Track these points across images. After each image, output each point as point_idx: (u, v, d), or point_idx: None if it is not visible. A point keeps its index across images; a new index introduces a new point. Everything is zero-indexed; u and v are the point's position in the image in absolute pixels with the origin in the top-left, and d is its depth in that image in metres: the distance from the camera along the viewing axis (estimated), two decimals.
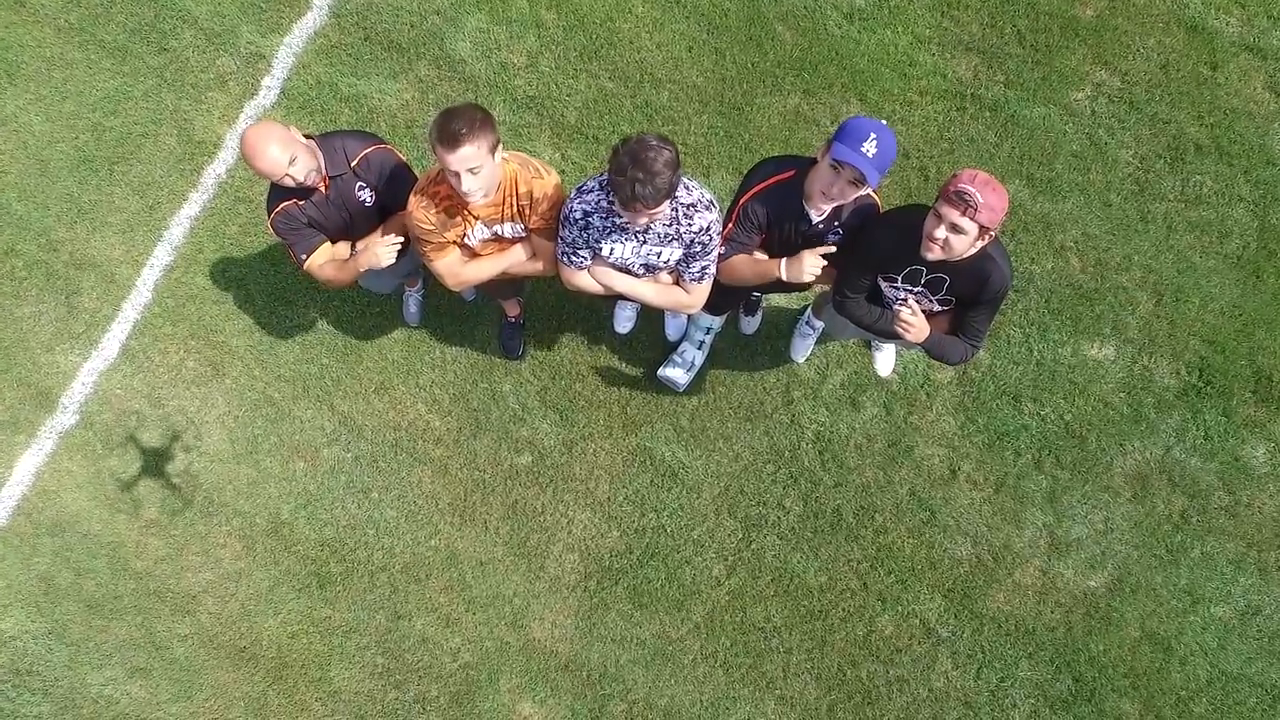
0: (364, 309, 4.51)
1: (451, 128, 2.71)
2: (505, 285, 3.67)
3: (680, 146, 4.46)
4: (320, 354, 4.49)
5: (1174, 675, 4.01)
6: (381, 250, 3.16)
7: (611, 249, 3.00)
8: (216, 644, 4.24)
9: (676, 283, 3.20)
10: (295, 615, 4.25)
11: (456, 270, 3.17)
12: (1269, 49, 4.58)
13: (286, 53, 4.85)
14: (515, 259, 3.18)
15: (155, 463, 4.43)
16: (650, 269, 3.06)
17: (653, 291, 3.18)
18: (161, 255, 4.66)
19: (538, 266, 3.19)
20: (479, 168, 2.78)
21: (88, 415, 4.50)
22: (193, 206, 4.70)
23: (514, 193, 3.01)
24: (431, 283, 4.36)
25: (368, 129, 4.70)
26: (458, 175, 2.78)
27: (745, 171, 3.30)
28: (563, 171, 4.51)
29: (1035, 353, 4.33)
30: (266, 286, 4.60)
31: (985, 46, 4.66)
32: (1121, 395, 4.28)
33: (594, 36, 4.72)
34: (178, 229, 4.68)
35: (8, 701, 4.18)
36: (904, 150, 4.53)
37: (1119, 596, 4.11)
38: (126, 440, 4.46)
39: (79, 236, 4.69)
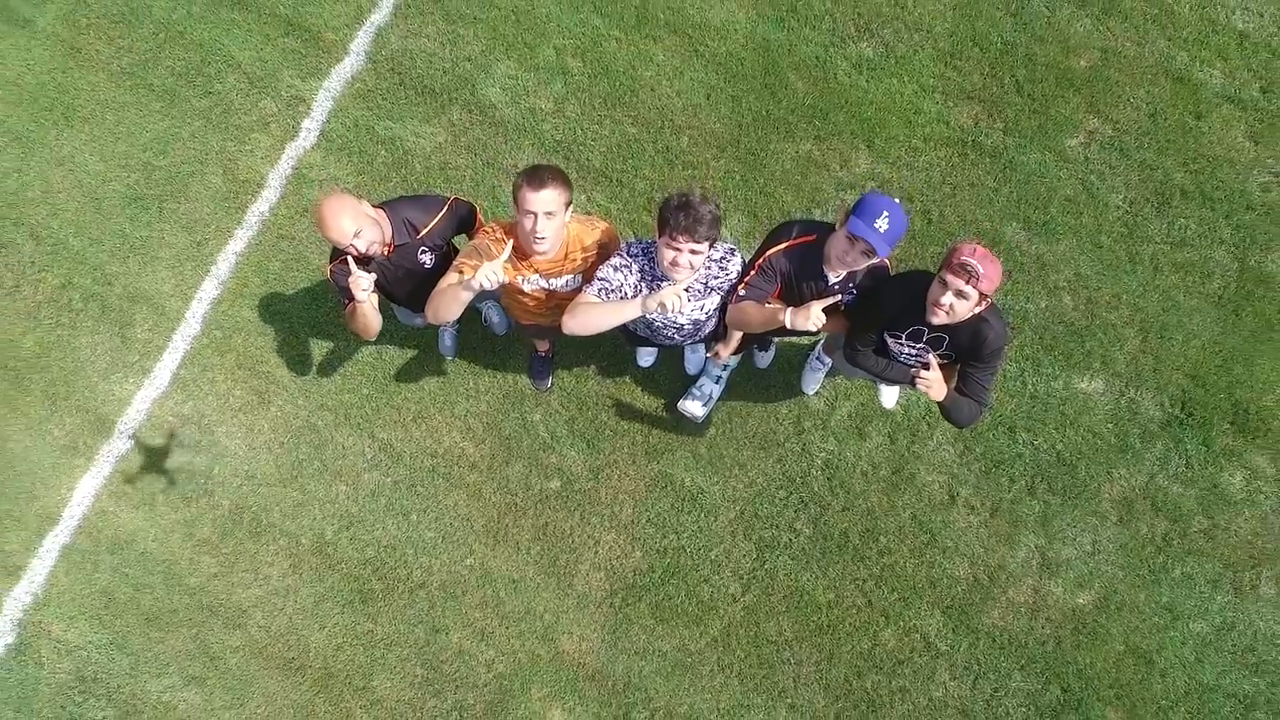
0: (402, 342, 4.81)
1: (540, 173, 3.06)
2: (552, 329, 3.97)
3: (698, 190, 4.76)
4: (361, 384, 4.79)
5: (1155, 686, 4.35)
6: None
7: (661, 299, 3.12)
8: (266, 655, 4.56)
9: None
10: (340, 629, 4.57)
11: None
12: (1249, 100, 4.88)
13: (325, 96, 5.14)
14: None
15: (206, 485, 4.73)
16: (698, 325, 3.35)
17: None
18: (209, 289, 4.95)
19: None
20: (554, 214, 3.09)
21: (142, 440, 4.80)
22: (238, 242, 5.00)
23: (579, 248, 3.32)
24: (465, 317, 4.66)
25: (403, 169, 5.00)
26: (534, 216, 3.07)
27: (771, 227, 3.60)
28: (587, 214, 4.81)
29: (1029, 386, 4.64)
30: (309, 319, 4.89)
31: (986, 95, 4.96)
32: (1109, 426, 4.60)
33: (617, 84, 5.01)
34: (224, 264, 4.98)
35: (75, 706, 4.49)
36: (908, 194, 4.84)
37: (1105, 613, 4.43)
38: (179, 464, 4.76)
39: (131, 271, 4.98)
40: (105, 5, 5.31)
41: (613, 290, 3.18)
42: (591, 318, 3.10)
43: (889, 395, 4.53)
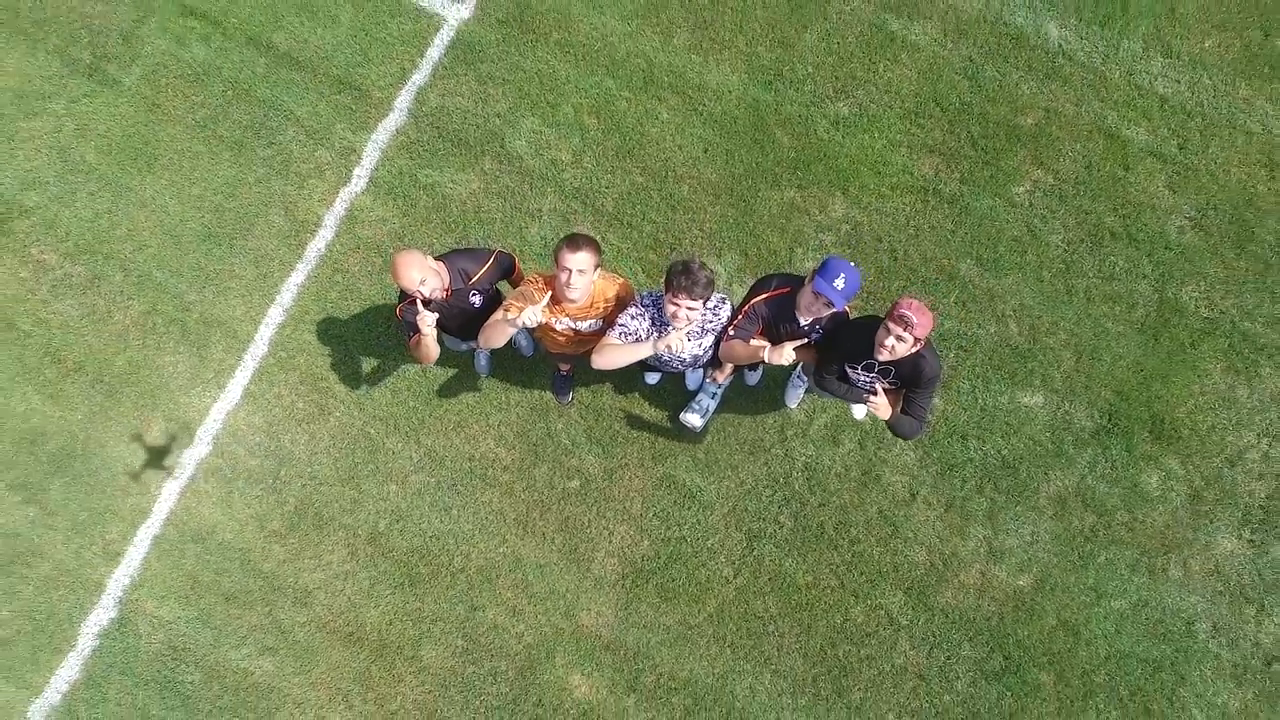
0: (443, 362, 5.59)
1: (577, 239, 3.87)
2: (575, 357, 4.75)
3: (696, 232, 5.64)
4: (408, 398, 5.58)
5: (1081, 653, 5.15)
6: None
7: (669, 341, 3.97)
8: (329, 629, 5.34)
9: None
10: (391, 607, 5.35)
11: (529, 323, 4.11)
12: (1168, 155, 5.68)
13: (373, 147, 5.92)
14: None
15: (274, 485, 5.51)
16: (697, 359, 4.16)
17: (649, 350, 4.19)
18: (274, 315, 5.73)
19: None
20: (585, 272, 3.88)
21: (219, 446, 5.58)
22: (299, 275, 5.78)
23: (602, 299, 4.13)
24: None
25: (442, 212, 5.78)
26: (570, 272, 3.87)
27: (759, 265, 4.40)
28: (602, 251, 5.59)
29: (979, 400, 5.44)
30: (362, 342, 5.67)
31: (945, 149, 5.76)
32: (1047, 434, 5.40)
33: (628, 138, 5.80)
34: (287, 294, 5.75)
35: (169, 671, 5.28)
36: (877, 235, 5.63)
37: (1041, 593, 5.24)
38: (250, 467, 5.55)
39: (207, 299, 5.76)
40: (181, 66, 6.09)
41: (630, 334, 3.98)
42: (614, 356, 3.90)
43: (859, 409, 5.32)
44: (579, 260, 3.85)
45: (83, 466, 5.58)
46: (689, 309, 3.81)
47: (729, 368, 4.51)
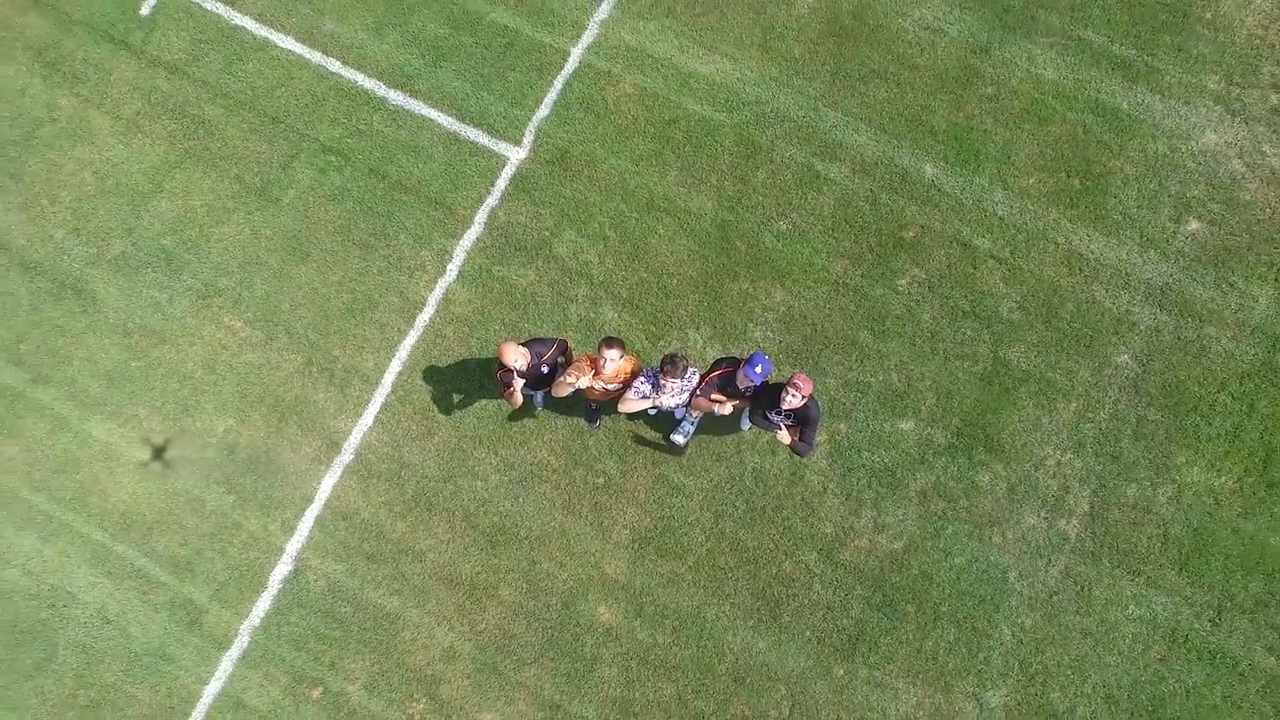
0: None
1: (611, 340, 6.65)
2: (604, 403, 7.39)
3: (682, 312, 8.28)
4: (488, 422, 8.23)
5: (933, 592, 7.82)
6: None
7: (665, 395, 6.74)
8: (437, 577, 7.97)
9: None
10: (479, 563, 8.00)
11: (581, 387, 6.92)
12: (1003, 258, 8.38)
13: (460, 250, 8.57)
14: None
15: (397, 481, 8.15)
16: (680, 406, 6.87)
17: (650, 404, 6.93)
18: (394, 366, 8.37)
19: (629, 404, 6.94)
20: (614, 360, 6.59)
21: (359, 454, 8.23)
22: (411, 338, 8.42)
23: (625, 373, 6.84)
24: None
25: (508, 299, 8.41)
26: (605, 359, 6.57)
27: (726, 339, 7.07)
28: (618, 330, 8.24)
29: (870, 426, 8.11)
30: (456, 385, 8.31)
31: (851, 254, 8.44)
32: (915, 449, 8.07)
33: (636, 246, 8.46)
34: (403, 351, 8.40)
35: (329, 605, 7.91)
36: (804, 314, 8.30)
37: (908, 553, 7.90)
38: (381, 469, 8.18)
39: (347, 354, 8.40)
40: (323, 189, 8.74)
41: (639, 392, 6.69)
42: (630, 406, 6.64)
43: (783, 436, 7.97)
44: (612, 354, 6.55)
45: (265, 468, 8.23)
46: (673, 383, 6.49)
47: (700, 410, 7.18)
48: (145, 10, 9.33)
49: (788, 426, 6.80)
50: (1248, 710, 7.52)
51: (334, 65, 9.10)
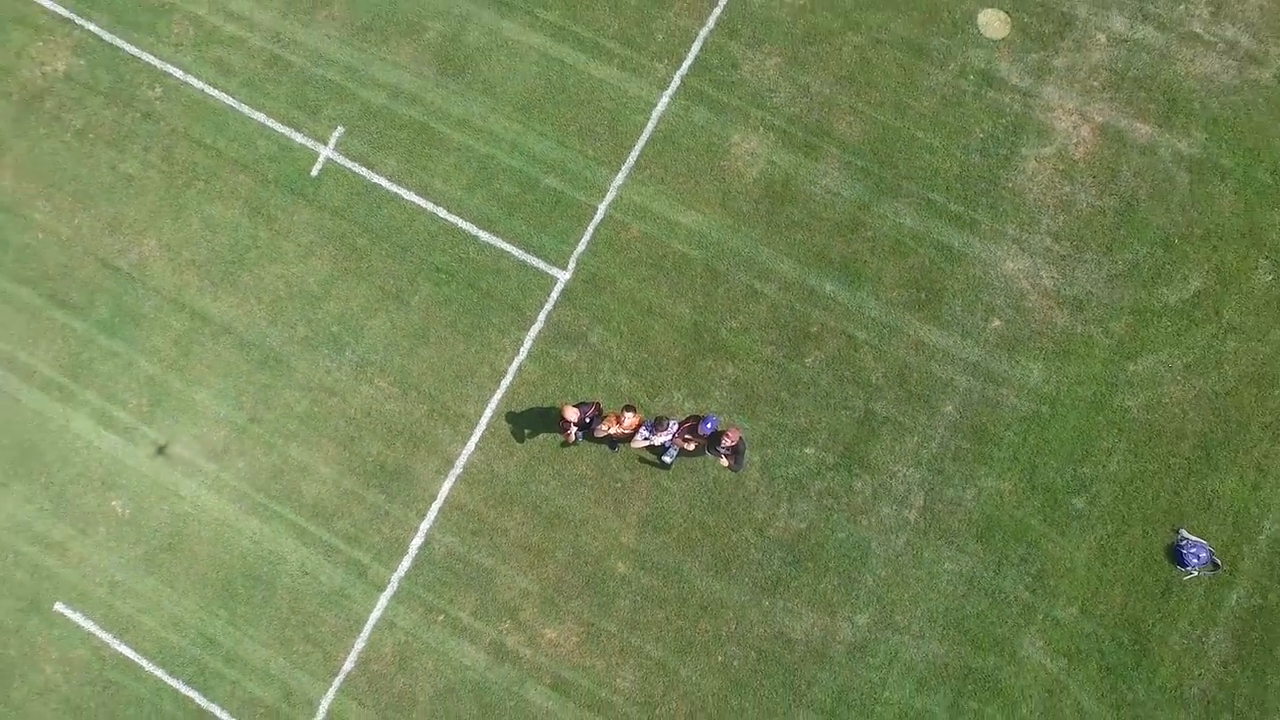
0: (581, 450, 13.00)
1: (630, 407, 11.62)
2: (621, 442, 12.28)
3: (668, 379, 13.23)
4: (548, 449, 12.98)
5: (824, 554, 12.62)
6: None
7: (657, 437, 11.57)
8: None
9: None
10: (550, 536, 12.74)
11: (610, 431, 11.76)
12: (875, 345, 13.21)
13: (528, 338, 13.34)
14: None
15: (492, 484, 12.88)
16: (669, 442, 11.69)
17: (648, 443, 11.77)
18: (487, 413, 13.13)
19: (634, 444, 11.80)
20: (628, 418, 11.44)
21: (466, 468, 12.98)
22: (497, 395, 13.16)
23: (635, 426, 11.66)
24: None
25: (559, 371, 13.16)
26: (625, 418, 11.42)
27: (697, 397, 11.89)
28: (630, 394, 13.02)
29: (786, 451, 12.91)
30: (529, 425, 13.06)
31: (777, 341, 13.24)
32: (814, 465, 12.87)
33: (640, 336, 13.27)
34: (493, 403, 13.15)
35: (471, 551, 12.67)
36: (745, 381, 13.11)
37: (810, 531, 12.70)
38: (481, 479, 12.92)
39: (456, 404, 13.14)
40: (439, 296, 13.47)
41: (643, 436, 11.59)
42: (638, 443, 11.64)
43: (723, 461, 12.74)
44: (629, 415, 11.44)
45: (404, 477, 12.95)
46: (661, 432, 11.32)
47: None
48: (314, 172, 14.06)
49: (727, 455, 11.59)
50: (1010, 625, 12.32)
51: (441, 212, 13.86)
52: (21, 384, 13.45)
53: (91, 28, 14.66)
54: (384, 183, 14.02)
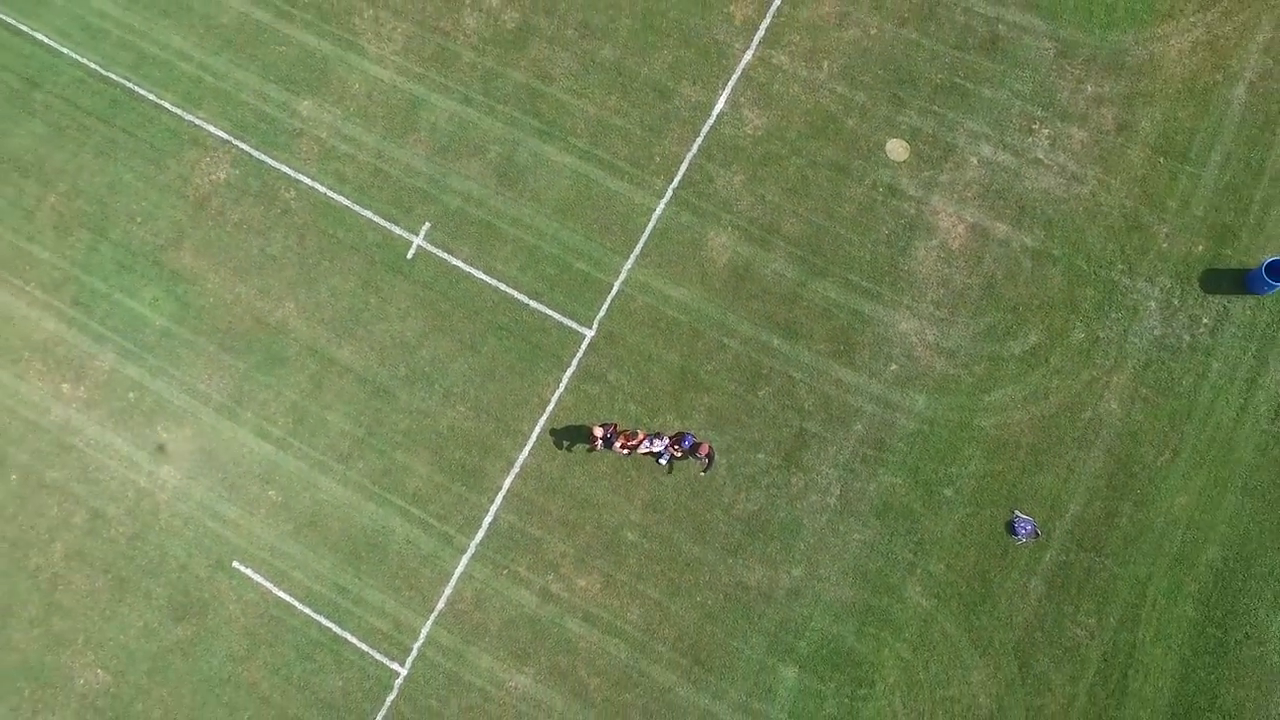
0: (610, 462, 18.53)
1: (637, 430, 17.12)
2: (632, 451, 17.93)
3: (663, 407, 19.08)
4: (580, 455, 18.51)
5: (770, 527, 18.20)
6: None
7: (655, 446, 17.16)
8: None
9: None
10: (582, 515, 18.25)
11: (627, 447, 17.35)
12: (802, 380, 18.87)
13: (564, 379, 18.90)
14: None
15: (540, 479, 18.39)
16: (665, 448, 17.28)
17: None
18: (536, 430, 18.67)
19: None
20: (638, 435, 17.03)
21: (523, 467, 18.50)
22: (543, 418, 18.70)
23: (643, 441, 17.26)
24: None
25: (588, 400, 18.70)
26: (636, 437, 17.00)
27: (682, 422, 17.48)
28: (637, 419, 18.57)
29: (744, 457, 18.50)
30: (567, 438, 18.56)
31: (741, 381, 18.86)
32: (763, 467, 18.47)
33: (644, 378, 18.89)
34: (540, 423, 18.69)
35: (524, 540, 18.18)
36: (716, 409, 18.73)
37: (761, 512, 18.28)
38: (533, 474, 18.43)
39: (516, 423, 18.66)
40: (500, 348, 19.02)
41: (647, 446, 17.18)
42: (642, 452, 17.19)
43: (700, 463, 18.33)
44: (638, 433, 16.97)
45: (477, 475, 18.46)
46: (659, 441, 16.90)
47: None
48: (409, 255, 19.56)
49: (701, 460, 17.17)
50: (898, 576, 17.93)
51: (503, 286, 19.40)
52: (202, 406, 18.88)
53: (244, 147, 20.15)
54: (461, 264, 19.54)
